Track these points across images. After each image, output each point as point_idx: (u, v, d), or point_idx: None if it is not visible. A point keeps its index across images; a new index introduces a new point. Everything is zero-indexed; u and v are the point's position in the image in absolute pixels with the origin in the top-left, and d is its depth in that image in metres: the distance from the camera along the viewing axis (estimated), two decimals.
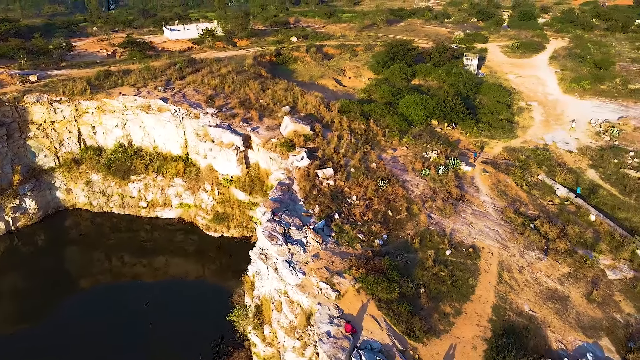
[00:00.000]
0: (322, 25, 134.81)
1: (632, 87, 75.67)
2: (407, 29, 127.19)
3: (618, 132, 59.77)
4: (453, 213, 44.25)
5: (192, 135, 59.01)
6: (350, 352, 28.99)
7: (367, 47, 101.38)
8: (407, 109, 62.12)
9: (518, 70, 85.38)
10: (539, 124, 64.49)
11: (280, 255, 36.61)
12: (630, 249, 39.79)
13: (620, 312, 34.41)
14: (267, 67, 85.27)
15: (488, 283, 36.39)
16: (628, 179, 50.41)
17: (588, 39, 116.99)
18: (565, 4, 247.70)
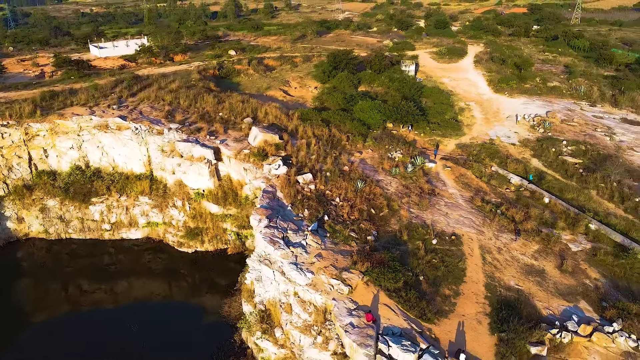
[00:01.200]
0: (254, 38, 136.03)
1: (551, 85, 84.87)
2: (337, 39, 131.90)
3: (549, 125, 67.10)
4: (429, 206, 47.79)
5: (156, 152, 58.06)
6: (375, 339, 30.95)
7: (305, 58, 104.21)
8: (364, 114, 65.33)
9: (450, 74, 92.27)
10: (481, 121, 70.58)
11: (284, 259, 37.84)
12: (584, 224, 45.38)
13: (588, 278, 39.35)
14: (212, 81, 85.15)
15: (475, 265, 40.01)
16: (567, 165, 56.99)
17: (500, 44, 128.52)
18: (468, 13, 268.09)
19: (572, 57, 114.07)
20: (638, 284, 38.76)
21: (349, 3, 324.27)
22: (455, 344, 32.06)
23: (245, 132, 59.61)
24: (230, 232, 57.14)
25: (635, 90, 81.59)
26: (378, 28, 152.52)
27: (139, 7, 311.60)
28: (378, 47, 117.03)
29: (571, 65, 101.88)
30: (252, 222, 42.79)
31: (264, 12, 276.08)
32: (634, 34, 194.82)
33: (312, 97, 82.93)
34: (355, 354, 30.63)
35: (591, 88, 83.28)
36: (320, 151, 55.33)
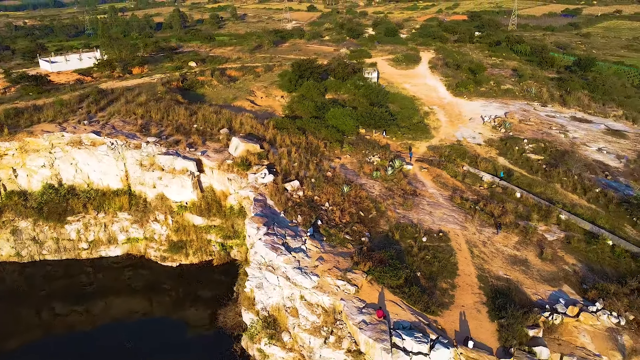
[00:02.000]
0: (209, 49, 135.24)
1: (504, 88, 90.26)
2: (293, 48, 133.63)
3: (510, 125, 71.55)
4: (413, 206, 50.05)
5: (134, 167, 57.19)
6: (389, 334, 32.47)
7: (266, 68, 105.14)
8: (337, 121, 67.11)
9: (410, 80, 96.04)
10: (446, 124, 74.17)
11: (287, 264, 38.74)
12: (555, 215, 49.05)
13: (567, 264, 42.70)
14: (177, 93, 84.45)
15: (465, 259, 42.47)
16: (531, 162, 61.13)
17: (450, 50, 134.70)
18: (412, 20, 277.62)
19: (517, 61, 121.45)
20: (610, 266, 42.47)
21: (294, 12, 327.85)
22: (460, 333, 34.12)
23: (224, 142, 59.88)
24: (214, 244, 57.09)
25: (579, 91, 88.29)
26: (331, 37, 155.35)
27: (77, 19, 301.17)
28: (336, 55, 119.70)
29: (518, 69, 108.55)
30: (249, 231, 43.34)
31: (210, 22, 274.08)
32: (565, 38, 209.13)
33: (280, 106, 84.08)
34: (371, 350, 32.00)
35: (541, 89, 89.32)
36: (301, 158, 56.48)
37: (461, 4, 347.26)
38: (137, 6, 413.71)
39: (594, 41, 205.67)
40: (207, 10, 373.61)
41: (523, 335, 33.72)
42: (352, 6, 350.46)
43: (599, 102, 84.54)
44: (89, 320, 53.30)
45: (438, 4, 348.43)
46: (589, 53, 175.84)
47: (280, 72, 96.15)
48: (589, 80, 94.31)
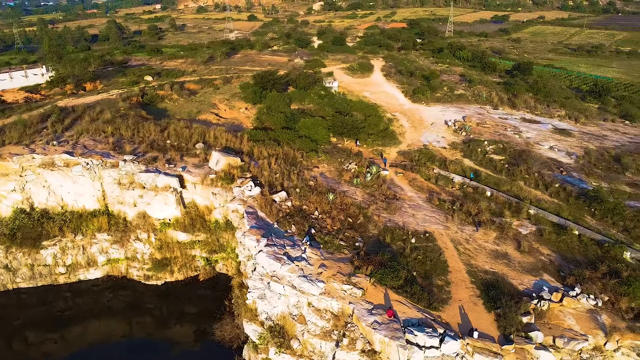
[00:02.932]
0: (160, 62, 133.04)
1: (457, 93, 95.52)
2: (246, 59, 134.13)
3: (469, 128, 76.13)
4: (397, 210, 52.56)
5: (112, 186, 56.09)
6: (402, 331, 34.45)
7: (224, 80, 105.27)
8: (309, 131, 68.76)
9: (368, 88, 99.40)
10: (410, 129, 77.74)
11: (292, 273, 39.94)
12: (525, 210, 53.14)
13: (543, 255, 46.55)
14: (139, 109, 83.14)
15: (453, 256, 45.33)
16: (495, 162, 65.54)
17: (398, 58, 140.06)
18: (353, 29, 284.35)
19: (462, 67, 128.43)
20: (580, 254, 46.72)
21: (235, 22, 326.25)
22: (462, 325, 36.69)
23: (202, 157, 59.99)
24: (199, 259, 57.02)
25: (525, 93, 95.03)
26: (280, 47, 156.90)
27: (2, 32, 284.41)
28: (291, 65, 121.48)
29: (466, 74, 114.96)
30: (247, 244, 44.05)
31: (149, 33, 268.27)
32: (498, 44, 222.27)
33: (246, 118, 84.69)
34: (387, 348, 33.84)
35: (490, 93, 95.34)
36: (282, 169, 57.64)
37: (398, 12, 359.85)
38: (67, 17, 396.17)
39: (524, 46, 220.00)
40: (144, 21, 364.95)
41: (518, 323, 36.73)
42: (293, 15, 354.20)
43: (543, 104, 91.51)
44: (65, 347, 51.85)
45: (376, 12, 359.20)
46: (521, 57, 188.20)
47: (240, 84, 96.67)
48: (532, 84, 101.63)
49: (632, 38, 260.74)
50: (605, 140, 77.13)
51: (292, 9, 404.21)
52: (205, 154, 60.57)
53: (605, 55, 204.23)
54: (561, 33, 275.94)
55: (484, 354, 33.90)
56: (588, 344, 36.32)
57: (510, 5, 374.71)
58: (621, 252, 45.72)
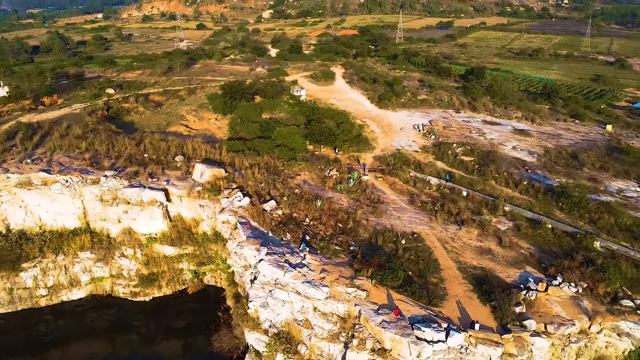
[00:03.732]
0: (116, 74, 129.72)
1: (421, 98, 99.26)
2: (207, 69, 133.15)
3: (437, 132, 79.50)
4: (383, 213, 54.48)
5: (94, 203, 54.85)
6: (411, 329, 36.16)
7: (189, 91, 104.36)
8: (286, 139, 69.71)
9: (333, 95, 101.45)
10: (381, 135, 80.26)
11: (296, 279, 40.90)
12: (501, 208, 56.43)
13: (523, 249, 49.72)
14: (106, 123, 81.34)
15: (442, 254, 47.66)
16: (466, 163, 68.96)
17: (356, 65, 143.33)
18: (305, 36, 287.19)
19: (419, 73, 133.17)
20: (555, 246, 50.22)
21: (184, 31, 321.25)
22: (462, 319, 38.87)
23: (184, 170, 59.76)
24: (187, 272, 56.69)
25: (483, 97, 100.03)
26: (240, 56, 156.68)
27: None
28: (254, 74, 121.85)
29: (424, 80, 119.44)
30: (247, 253, 44.55)
31: (94, 44, 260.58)
32: (447, 49, 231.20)
33: (217, 128, 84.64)
34: (398, 345, 35.42)
35: (451, 98, 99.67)
36: (266, 179, 58.34)
37: (347, 19, 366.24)
38: (1, 28, 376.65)
39: (470, 51, 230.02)
40: (86, 31, 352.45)
41: (512, 313, 39.31)
42: (243, 23, 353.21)
43: (501, 107, 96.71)
44: None
45: (326, 20, 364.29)
46: (469, 61, 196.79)
47: (207, 94, 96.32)
48: (487, 87, 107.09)
49: (566, 42, 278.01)
50: (561, 138, 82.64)
51: (241, 17, 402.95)
52: (187, 166, 60.36)
53: (545, 58, 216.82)
54: (502, 38, 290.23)
55: (487, 344, 36.14)
56: (575, 328, 39.36)
57: (453, 12, 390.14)
58: (592, 242, 49.58)
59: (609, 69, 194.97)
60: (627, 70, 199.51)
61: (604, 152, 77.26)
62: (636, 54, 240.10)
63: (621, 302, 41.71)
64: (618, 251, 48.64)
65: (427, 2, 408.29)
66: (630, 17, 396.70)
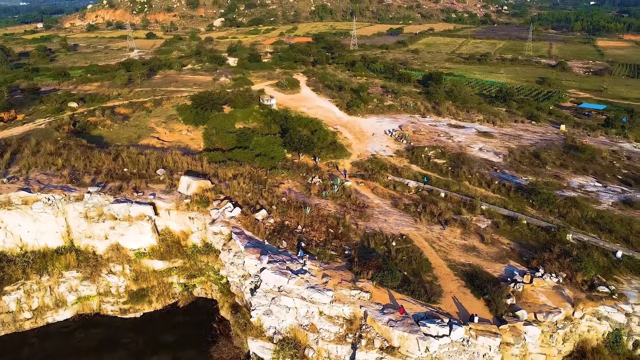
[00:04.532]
0: (73, 86, 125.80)
1: (387, 104, 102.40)
2: (169, 80, 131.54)
3: (408, 137, 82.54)
4: (370, 217, 56.36)
5: (78, 220, 53.64)
6: (417, 325, 38.04)
7: (155, 103, 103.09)
8: (264, 149, 70.61)
9: (302, 103, 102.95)
10: (355, 141, 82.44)
11: (300, 285, 41.97)
12: (479, 207, 59.58)
13: (504, 244, 52.83)
14: (75, 138, 79.31)
15: (431, 254, 49.98)
16: (439, 166, 72.13)
17: (319, 72, 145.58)
18: (259, 44, 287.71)
19: (379, 79, 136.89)
20: (533, 240, 53.61)
21: (134, 40, 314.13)
22: (460, 313, 41.14)
23: (168, 183, 59.45)
24: (176, 285, 56.37)
25: (445, 101, 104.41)
26: (200, 66, 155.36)
27: None
28: (218, 84, 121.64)
29: (386, 86, 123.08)
30: (247, 262, 45.13)
31: (39, 55, 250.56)
32: (400, 55, 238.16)
33: (190, 140, 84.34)
34: (406, 342, 37.17)
35: (416, 103, 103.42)
36: (252, 188, 58.99)
37: (299, 27, 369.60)
38: None
39: (423, 56, 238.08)
40: (28, 41, 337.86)
41: (504, 305, 41.98)
42: (194, 32, 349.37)
43: (463, 110, 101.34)
44: None
45: (278, 28, 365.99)
46: (422, 67, 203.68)
47: (176, 106, 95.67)
48: (448, 92, 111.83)
49: (510, 46, 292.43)
50: (522, 139, 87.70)
51: (191, 25, 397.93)
52: (170, 179, 60.09)
53: (493, 62, 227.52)
54: (451, 43, 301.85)
55: (486, 336, 38.50)
56: (561, 315, 42.47)
57: (402, 19, 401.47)
58: (565, 235, 53.39)
59: (552, 72, 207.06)
60: (568, 72, 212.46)
61: (562, 150, 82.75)
62: (574, 56, 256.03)
63: (598, 289, 45.25)
64: (589, 242, 52.63)
65: (377, 9, 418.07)
66: (564, 22, 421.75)
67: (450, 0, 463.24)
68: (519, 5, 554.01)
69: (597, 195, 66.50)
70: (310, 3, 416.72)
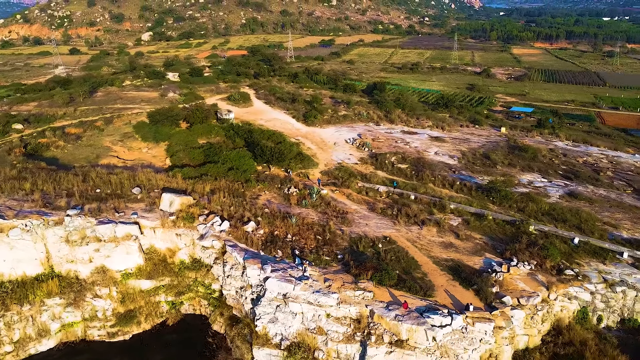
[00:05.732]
0: (7, 107, 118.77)
1: (342, 114, 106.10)
2: (113, 97, 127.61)
3: (369, 144, 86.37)
4: (352, 222, 58.99)
5: (59, 245, 51.81)
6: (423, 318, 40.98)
7: (106, 121, 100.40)
8: (235, 162, 71.42)
9: (259, 116, 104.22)
10: (319, 151, 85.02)
11: (305, 291, 43.67)
12: (449, 207, 64.02)
13: (476, 239, 57.30)
14: (31, 161, 75.96)
15: (416, 252, 53.37)
16: (404, 170, 76.32)
17: (263, 85, 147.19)
18: (193, 58, 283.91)
19: (325, 90, 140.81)
20: (501, 234, 58.54)
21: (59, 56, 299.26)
22: (455, 304, 44.60)
23: (147, 201, 58.90)
24: (164, 304, 55.86)
25: (395, 109, 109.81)
26: (143, 82, 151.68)
27: None
28: (167, 100, 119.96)
29: (335, 97, 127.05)
30: (250, 274, 46.09)
31: None
32: (336, 66, 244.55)
33: (153, 157, 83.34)
34: (415, 334, 39.97)
35: (368, 112, 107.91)
36: (233, 202, 59.81)
37: (231, 40, 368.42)
38: None
39: (358, 67, 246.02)
40: None
41: (491, 294, 46.02)
42: (121, 47, 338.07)
43: (413, 117, 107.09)
44: None
45: (210, 41, 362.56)
46: (360, 77, 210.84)
47: (126, 123, 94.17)
48: (395, 100, 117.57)
49: (437, 55, 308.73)
50: (470, 142, 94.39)
51: (118, 40, 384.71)
52: (148, 197, 59.54)
53: (424, 71, 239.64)
54: (381, 54, 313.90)
55: (482, 322, 42.14)
56: (539, 298, 47.16)
57: (332, 30, 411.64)
58: (528, 227, 58.84)
59: (479, 78, 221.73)
60: (492, 78, 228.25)
61: (507, 151, 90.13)
62: (495, 64, 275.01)
63: (565, 273, 50.58)
64: (549, 232, 58.42)
65: (307, 21, 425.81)
66: (481, 32, 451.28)
67: (376, 12, 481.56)
68: (439, 16, 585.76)
69: (546, 190, 73.44)
70: (241, 16, 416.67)
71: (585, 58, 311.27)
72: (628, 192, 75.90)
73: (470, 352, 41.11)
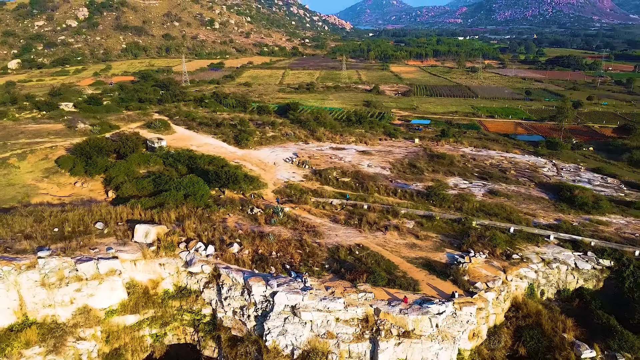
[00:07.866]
0: None
1: (270, 135, 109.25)
2: (13, 132, 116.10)
3: (309, 162, 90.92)
4: (323, 234, 62.90)
5: (34, 290, 48.46)
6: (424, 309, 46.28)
7: (19, 157, 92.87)
8: (190, 189, 71.55)
9: (188, 142, 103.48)
10: (261, 172, 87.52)
11: (313, 300, 46.72)
12: (401, 213, 70.73)
13: (433, 238, 64.40)
14: None
15: (390, 254, 58.83)
16: (349, 183, 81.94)
17: (174, 111, 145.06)
18: (74, 86, 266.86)
19: (244, 113, 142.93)
20: (450, 231, 66.40)
21: None
22: (440, 294, 50.63)
23: (119, 234, 57.35)
24: (148, 337, 54.67)
25: (319, 128, 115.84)
26: (39, 114, 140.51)
27: None
28: (80, 131, 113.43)
29: (253, 119, 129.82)
30: (255, 291, 47.74)
31: None
32: (235, 89, 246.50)
33: (89, 191, 79.97)
34: (420, 323, 45.05)
35: (294, 132, 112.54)
36: (206, 227, 60.54)
37: (113, 65, 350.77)
38: None
39: (256, 89, 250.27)
40: None
41: (464, 282, 52.93)
42: None
43: (337, 134, 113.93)
44: None
45: (89, 68, 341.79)
46: (261, 98, 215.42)
47: (42, 159, 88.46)
48: (315, 119, 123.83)
49: (326, 75, 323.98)
50: (394, 154, 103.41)
51: None
52: (116, 231, 57.96)
53: (320, 90, 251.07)
54: (273, 75, 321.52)
55: (467, 306, 48.60)
56: (500, 281, 55.17)
57: (219, 54, 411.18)
58: (472, 223, 67.63)
59: (371, 95, 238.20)
60: (382, 95, 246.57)
61: (427, 159, 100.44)
62: (380, 81, 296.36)
63: (513, 257, 59.54)
64: (489, 225, 67.67)
65: (192, 45, 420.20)
66: (359, 52, 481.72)
67: (259, 35, 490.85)
68: (317, 38, 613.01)
69: (470, 190, 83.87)
70: (120, 40, 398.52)
71: (454, 73, 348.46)
72: (532, 187, 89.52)
73: (462, 333, 47.33)
